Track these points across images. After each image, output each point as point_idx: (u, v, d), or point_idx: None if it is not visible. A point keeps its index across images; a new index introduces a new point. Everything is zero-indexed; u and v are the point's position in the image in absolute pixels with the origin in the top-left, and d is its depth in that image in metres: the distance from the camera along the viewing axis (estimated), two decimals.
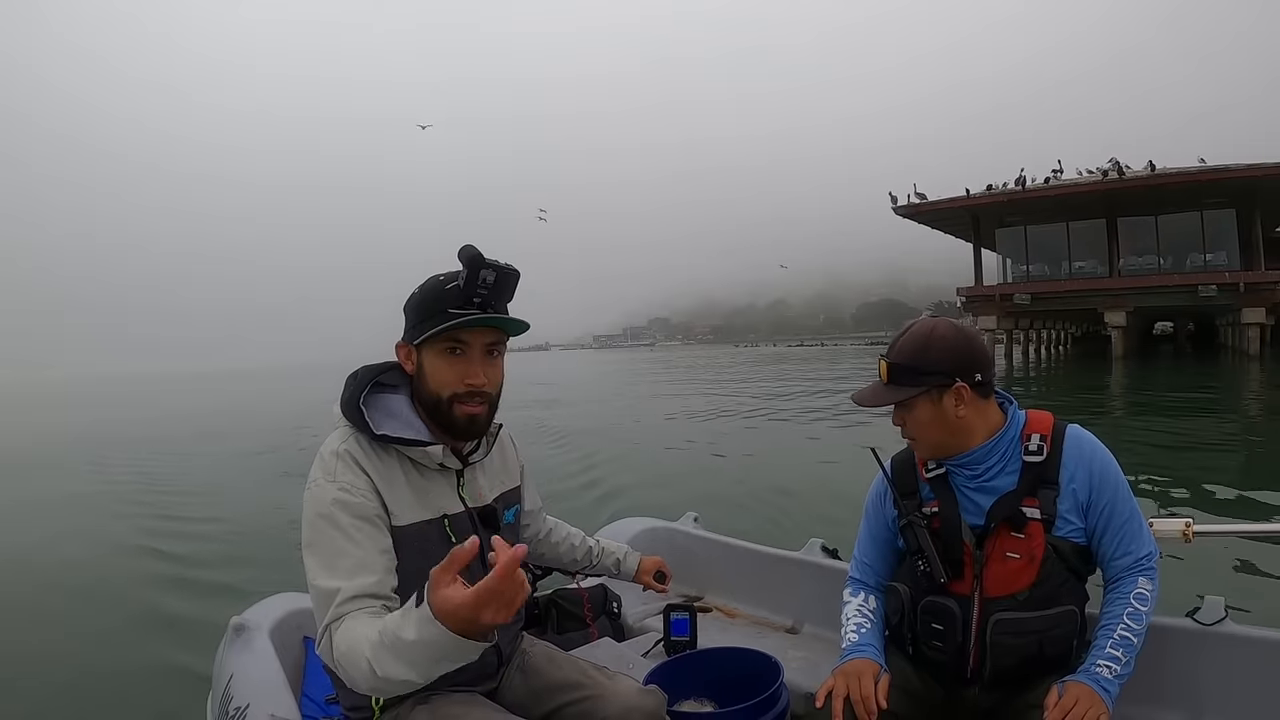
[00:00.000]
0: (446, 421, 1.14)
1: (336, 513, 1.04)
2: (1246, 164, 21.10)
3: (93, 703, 2.68)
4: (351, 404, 1.11)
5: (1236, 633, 1.36)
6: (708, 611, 2.12)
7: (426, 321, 1.10)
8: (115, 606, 3.73)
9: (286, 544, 4.04)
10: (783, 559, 2.07)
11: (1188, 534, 1.38)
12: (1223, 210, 22.33)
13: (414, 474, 1.13)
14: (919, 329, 1.26)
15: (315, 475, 1.08)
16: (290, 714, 1.35)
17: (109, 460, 9.50)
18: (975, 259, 25.38)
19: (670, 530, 2.37)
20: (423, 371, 1.13)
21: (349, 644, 0.95)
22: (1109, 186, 21.92)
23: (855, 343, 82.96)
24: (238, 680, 1.49)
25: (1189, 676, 1.38)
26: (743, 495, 5.33)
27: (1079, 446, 1.23)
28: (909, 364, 1.23)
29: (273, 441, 10.88)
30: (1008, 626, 1.20)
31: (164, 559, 4.61)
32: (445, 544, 1.11)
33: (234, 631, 1.67)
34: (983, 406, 1.24)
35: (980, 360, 1.24)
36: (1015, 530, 1.21)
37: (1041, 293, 23.36)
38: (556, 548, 1.55)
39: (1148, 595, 1.20)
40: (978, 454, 1.24)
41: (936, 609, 1.26)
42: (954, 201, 24.11)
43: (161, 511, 6.10)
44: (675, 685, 1.42)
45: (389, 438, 1.10)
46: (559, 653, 1.37)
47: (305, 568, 1.04)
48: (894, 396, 1.24)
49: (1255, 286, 20.69)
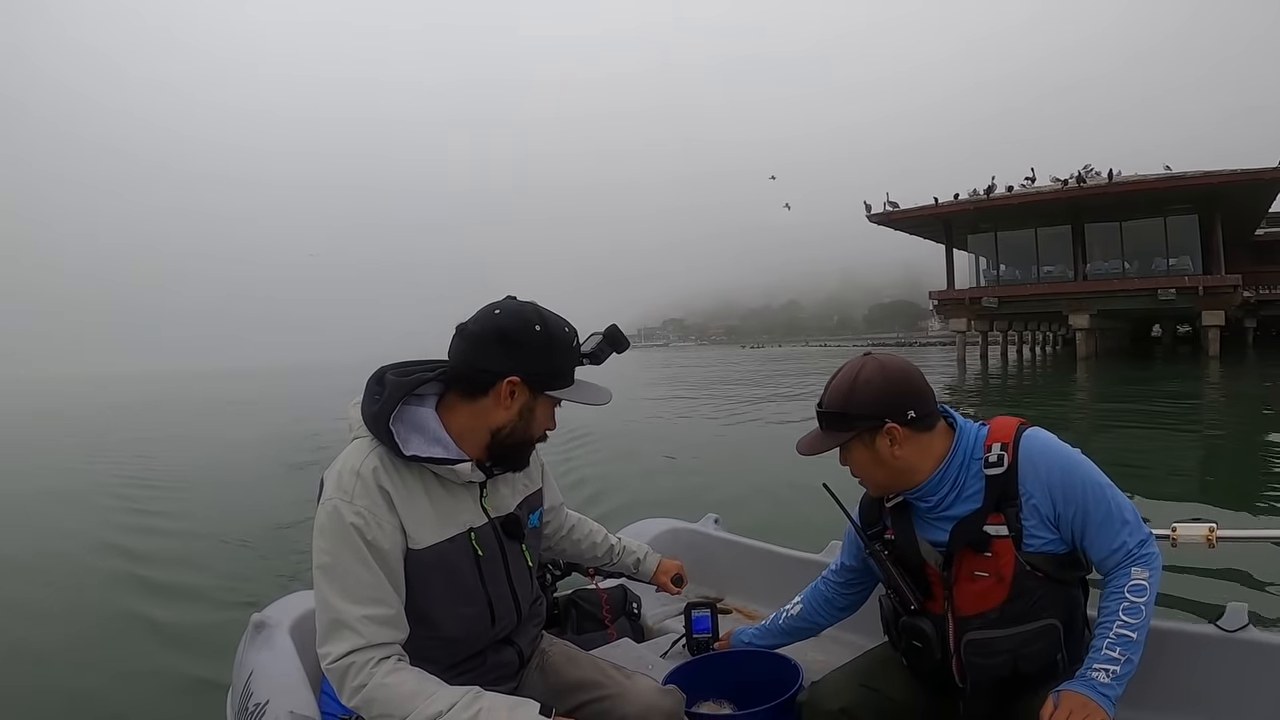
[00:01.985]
0: (520, 458, 1.18)
1: (354, 537, 1.02)
2: (1203, 171, 21.94)
3: (114, 699, 2.74)
4: (380, 420, 1.07)
5: (1260, 639, 1.33)
6: (728, 613, 2.10)
7: (561, 376, 1.13)
8: (137, 603, 3.78)
9: (306, 542, 4.80)
10: (803, 561, 2.06)
11: (1211, 539, 1.34)
12: (1185, 216, 23.05)
13: (436, 490, 1.12)
14: (845, 374, 1.25)
15: (332, 492, 1.05)
16: (310, 711, 1.35)
17: (125, 457, 9.75)
18: (947, 264, 26.35)
19: (691, 531, 2.37)
20: (531, 416, 1.14)
21: (404, 691, 0.99)
22: (1070, 194, 22.88)
23: (858, 344, 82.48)
24: (257, 677, 1.49)
25: (1211, 683, 1.35)
26: (763, 497, 5.31)
27: (1031, 458, 1.18)
28: (837, 410, 1.22)
29: (282, 435, 11.27)
30: (979, 648, 1.20)
31: (184, 555, 4.72)
32: (470, 559, 1.13)
33: (254, 629, 1.67)
34: (924, 440, 1.22)
35: (911, 397, 1.21)
36: (980, 550, 1.19)
37: (1009, 296, 24.33)
38: (578, 544, 1.53)
39: (1144, 585, 1.14)
40: (927, 487, 1.22)
41: (913, 629, 1.27)
42: (923, 210, 25.16)
43: (180, 508, 6.30)
44: (694, 686, 1.40)
45: (418, 457, 1.07)
46: (579, 652, 1.36)
47: (315, 583, 1.03)
48: (826, 444, 1.25)
49: (1214, 290, 21.47)
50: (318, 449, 8.51)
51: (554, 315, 1.13)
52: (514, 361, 1.09)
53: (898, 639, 1.32)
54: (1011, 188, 24.59)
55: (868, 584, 1.49)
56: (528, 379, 1.10)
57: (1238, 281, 22.26)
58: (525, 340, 1.09)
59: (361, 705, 1.00)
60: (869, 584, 1.49)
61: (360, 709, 1.00)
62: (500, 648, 1.21)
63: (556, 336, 1.12)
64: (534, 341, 1.10)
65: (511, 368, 1.09)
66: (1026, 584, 1.18)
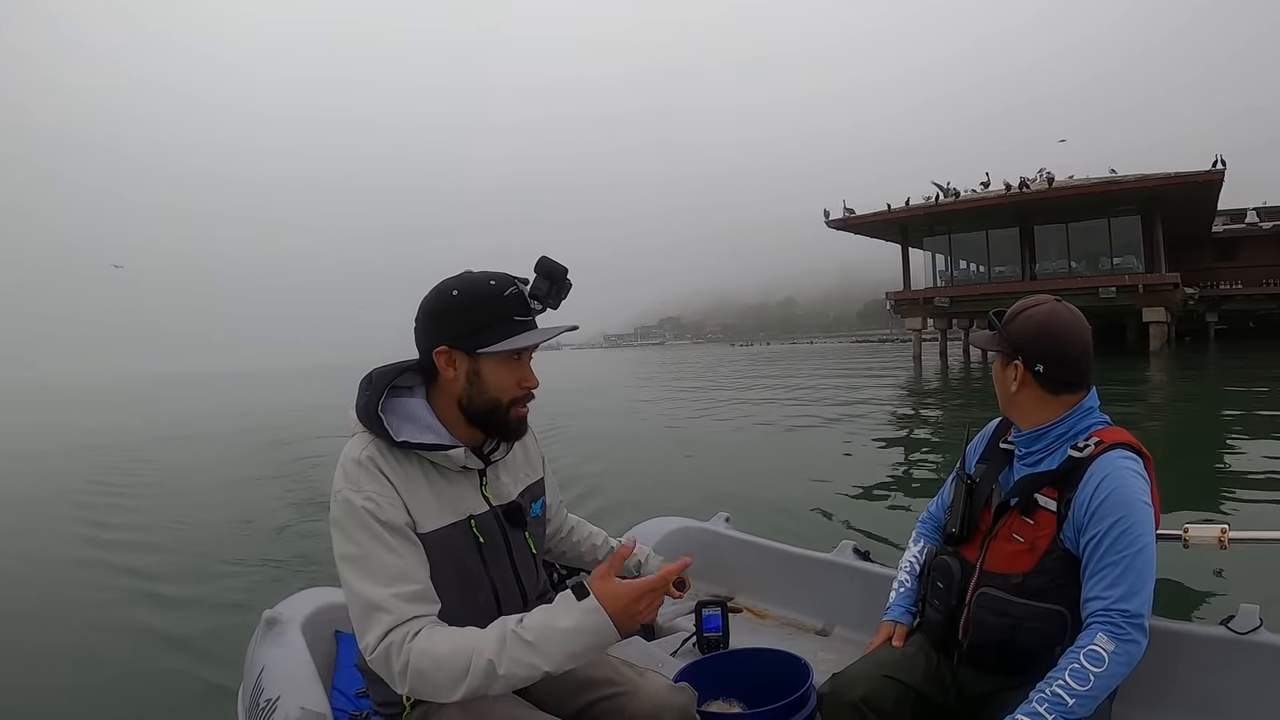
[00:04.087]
0: (501, 424, 1.15)
1: (369, 521, 1.04)
2: (1140, 174, 22.93)
3: (127, 692, 2.75)
4: (369, 410, 1.09)
5: (1272, 642, 1.33)
6: (738, 612, 2.10)
7: (490, 330, 1.09)
8: (149, 598, 3.83)
9: (317, 537, 4.45)
10: (814, 560, 2.07)
11: (1223, 541, 1.34)
12: (1129, 217, 23.97)
13: (436, 478, 1.13)
14: (1029, 302, 1.31)
15: (339, 485, 1.07)
16: (320, 707, 1.35)
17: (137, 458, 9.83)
18: (904, 265, 27.42)
19: (702, 530, 2.37)
20: (480, 378, 1.11)
21: (444, 651, 0.97)
22: (1013, 199, 23.94)
23: (844, 340, 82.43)
24: (269, 673, 1.49)
25: (1223, 685, 1.35)
26: (774, 496, 5.34)
27: (1099, 468, 1.19)
28: (1000, 324, 1.32)
29: (285, 436, 11.39)
30: (989, 603, 1.24)
31: (196, 551, 4.78)
32: (472, 545, 1.14)
33: (266, 625, 1.67)
34: (1044, 398, 1.27)
35: (1050, 356, 1.24)
36: (1025, 514, 1.24)
37: (959, 296, 25.40)
38: (577, 546, 1.52)
39: (1103, 656, 1.09)
40: (1025, 437, 1.30)
41: (942, 567, 1.33)
42: (878, 215, 26.32)
43: (195, 503, 6.44)
44: (704, 685, 1.39)
45: (410, 444, 1.09)
46: None
47: (342, 577, 1.04)
48: (987, 344, 1.34)
49: (1153, 288, 22.40)
50: (322, 451, 8.63)
51: (479, 274, 1.12)
52: (437, 331, 1.11)
53: (926, 577, 1.40)
54: (959, 194, 25.64)
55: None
56: (452, 343, 1.10)
57: (1176, 279, 23.20)
58: (444, 307, 1.11)
59: (414, 683, 0.98)
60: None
61: (414, 690, 0.99)
62: None
63: (476, 294, 1.10)
64: (452, 306, 1.10)
65: (435, 338, 1.11)
66: (1052, 563, 1.20)
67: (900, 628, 1.42)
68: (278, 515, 5.69)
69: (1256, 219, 33.60)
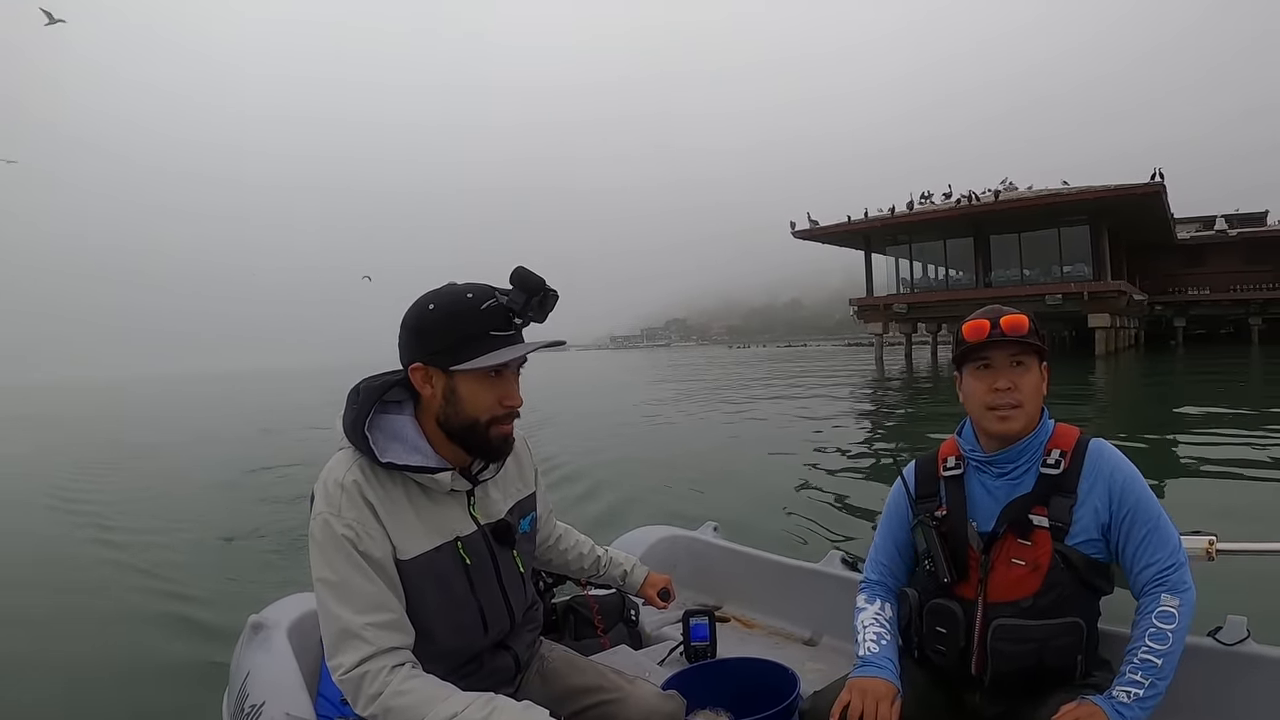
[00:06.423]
0: (481, 444, 1.12)
1: (349, 550, 1.04)
2: (1082, 187, 24.11)
3: (113, 698, 2.74)
4: (356, 427, 1.07)
5: (1259, 653, 1.34)
6: (726, 621, 2.08)
7: (465, 346, 1.06)
8: (135, 603, 3.80)
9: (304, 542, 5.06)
10: (802, 570, 2.07)
11: (1210, 552, 1.36)
12: (1078, 227, 25.09)
13: (421, 500, 1.11)
14: (999, 308, 1.30)
15: (320, 505, 1.06)
16: (305, 713, 1.34)
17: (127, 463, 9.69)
18: (866, 272, 28.76)
19: (690, 539, 2.35)
20: (456, 396, 1.08)
21: (405, 703, 0.99)
22: (964, 211, 25.24)
23: (836, 344, 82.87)
24: (254, 678, 1.49)
25: (1210, 696, 1.35)
26: (763, 505, 5.30)
27: (1101, 459, 1.23)
28: (1033, 327, 1.26)
29: (273, 438, 11.56)
30: (1008, 633, 1.21)
31: (181, 556, 4.73)
32: (459, 567, 1.12)
33: (252, 630, 1.67)
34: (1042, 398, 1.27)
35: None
36: (1021, 537, 1.22)
37: (917, 302, 26.72)
38: (565, 555, 1.51)
39: (1173, 613, 1.16)
40: (1015, 449, 1.26)
41: (940, 611, 1.28)
42: (839, 227, 27.70)
43: (183, 508, 6.37)
44: (691, 694, 1.37)
45: (395, 465, 1.07)
46: (579, 657, 1.37)
47: (318, 596, 1.05)
48: (1028, 340, 1.26)
49: (1098, 295, 23.51)
50: (307, 453, 8.64)
51: (457, 287, 1.08)
52: (413, 348, 1.08)
53: (919, 624, 1.33)
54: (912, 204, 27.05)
55: (900, 579, 1.42)
56: (428, 360, 1.07)
57: (1121, 286, 24.36)
58: (421, 324, 1.08)
59: (379, 713, 1.00)
60: (901, 579, 1.42)
61: (378, 717, 1.01)
62: (496, 653, 1.21)
63: (452, 310, 1.06)
64: (428, 322, 1.07)
65: (411, 355, 1.08)
66: (1058, 578, 1.21)
67: (898, 703, 1.21)
68: (263, 519, 5.62)
69: (1225, 226, 34.50)
